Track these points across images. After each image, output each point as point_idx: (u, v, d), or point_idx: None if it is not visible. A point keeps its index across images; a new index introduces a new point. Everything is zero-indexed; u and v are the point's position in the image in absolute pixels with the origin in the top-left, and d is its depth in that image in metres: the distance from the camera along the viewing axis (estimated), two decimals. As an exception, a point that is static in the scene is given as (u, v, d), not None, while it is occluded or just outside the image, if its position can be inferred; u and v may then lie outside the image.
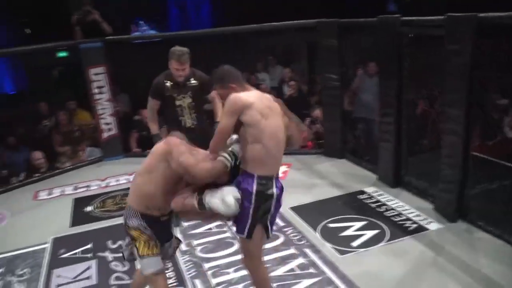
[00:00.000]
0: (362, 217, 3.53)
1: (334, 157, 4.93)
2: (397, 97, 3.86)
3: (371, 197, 3.91)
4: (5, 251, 3.48)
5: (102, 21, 5.52)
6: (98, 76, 5.30)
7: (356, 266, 2.90)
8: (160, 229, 2.18)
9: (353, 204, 3.78)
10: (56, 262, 3.25)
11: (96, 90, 5.30)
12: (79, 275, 3.06)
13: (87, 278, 3.03)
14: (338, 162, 4.85)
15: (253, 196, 2.11)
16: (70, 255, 3.34)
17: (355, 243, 3.14)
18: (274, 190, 2.16)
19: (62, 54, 9.20)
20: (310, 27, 4.88)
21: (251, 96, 2.17)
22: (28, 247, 3.48)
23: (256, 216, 2.15)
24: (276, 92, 6.03)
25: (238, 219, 2.17)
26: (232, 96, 2.13)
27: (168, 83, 3.51)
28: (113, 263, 3.17)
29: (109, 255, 3.27)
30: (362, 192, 4.00)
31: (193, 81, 3.53)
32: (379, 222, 3.44)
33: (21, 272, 3.16)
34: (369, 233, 3.27)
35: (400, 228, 3.34)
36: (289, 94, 6.10)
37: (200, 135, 3.38)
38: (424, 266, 2.86)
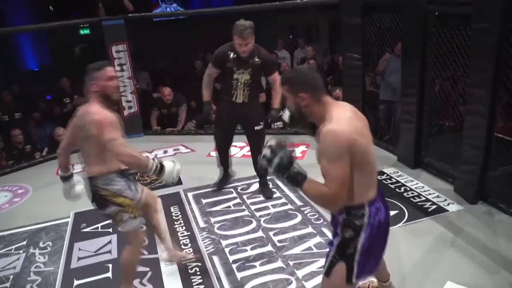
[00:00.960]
0: (380, 198, 3.51)
1: (353, 138, 4.87)
2: (419, 77, 3.78)
3: (390, 178, 3.88)
4: (29, 224, 3.59)
5: (124, -3, 5.52)
6: (119, 54, 5.34)
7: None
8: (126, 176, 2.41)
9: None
10: (77, 236, 3.35)
11: (118, 68, 5.34)
12: (99, 249, 3.14)
13: (108, 252, 3.11)
14: (357, 142, 4.79)
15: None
16: (91, 229, 3.43)
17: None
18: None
19: (85, 31, 9.31)
20: (333, 5, 4.78)
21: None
22: (50, 220, 3.59)
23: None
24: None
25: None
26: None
27: (232, 55, 3.43)
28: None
29: (129, 230, 3.34)
30: (382, 173, 3.96)
31: (256, 59, 3.43)
32: (398, 203, 3.41)
33: (44, 245, 3.27)
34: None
35: (420, 209, 3.31)
36: None
37: (246, 114, 3.55)
38: (443, 248, 2.84)
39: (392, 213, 3.21)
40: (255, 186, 3.93)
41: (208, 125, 5.62)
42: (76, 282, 2.78)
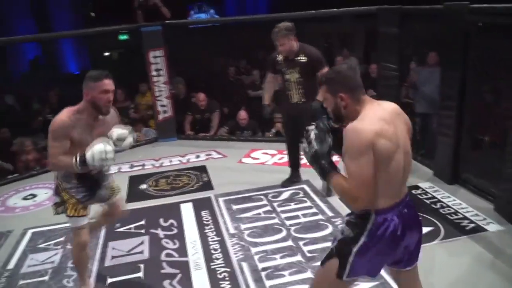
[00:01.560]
0: (415, 212, 3.42)
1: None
2: (459, 90, 3.67)
3: (426, 193, 3.77)
4: (66, 221, 3.69)
5: (162, 5, 5.65)
6: (156, 59, 5.45)
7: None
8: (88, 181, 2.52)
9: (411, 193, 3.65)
10: (111, 235, 3.41)
11: (154, 73, 5.45)
12: (132, 249, 3.20)
13: (140, 252, 3.16)
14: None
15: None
16: (125, 229, 3.50)
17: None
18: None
19: (123, 37, 9.59)
20: (369, 14, 4.73)
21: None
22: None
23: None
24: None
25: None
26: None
27: (280, 57, 3.64)
28: (164, 240, 3.28)
29: (160, 232, 3.39)
30: (417, 187, 3.86)
31: (302, 58, 3.58)
32: (433, 219, 3.31)
33: (80, 242, 3.35)
34: (423, 230, 3.15)
35: (456, 227, 3.20)
36: None
37: (302, 114, 3.53)
38: (480, 268, 2.73)
39: (427, 229, 3.14)
40: (286, 194, 3.91)
41: (239, 131, 5.66)
42: (109, 280, 2.84)
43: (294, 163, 4.03)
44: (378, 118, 1.66)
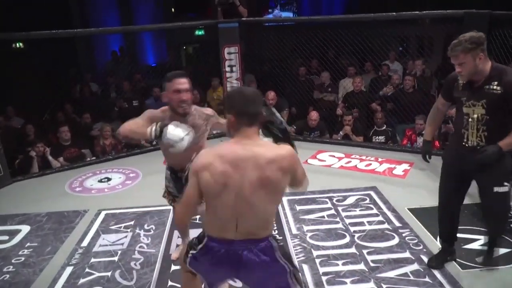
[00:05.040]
0: (491, 232, 3.18)
1: (464, 162, 4.50)
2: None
3: (505, 212, 3.50)
4: (137, 206, 3.89)
5: (240, 4, 5.74)
6: (231, 55, 5.56)
7: (479, 284, 2.63)
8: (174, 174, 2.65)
9: (482, 217, 3.42)
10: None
11: (228, 69, 5.56)
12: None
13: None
14: (468, 168, 4.43)
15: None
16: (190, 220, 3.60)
17: (480, 259, 2.84)
18: None
19: (199, 32, 9.89)
20: (454, 18, 4.47)
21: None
22: (155, 206, 3.82)
23: None
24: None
25: None
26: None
27: (460, 81, 2.54)
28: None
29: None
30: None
31: (494, 86, 2.40)
32: (510, 238, 3.07)
33: (148, 228, 3.51)
34: (499, 251, 2.93)
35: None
36: (406, 89, 5.64)
37: (481, 163, 2.46)
38: None
39: (503, 250, 2.92)
40: (352, 199, 3.82)
41: (308, 131, 5.59)
42: (173, 267, 2.94)
43: (449, 235, 2.87)
44: (217, 154, 1.72)
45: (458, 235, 3.14)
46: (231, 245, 1.76)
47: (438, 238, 2.96)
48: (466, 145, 2.53)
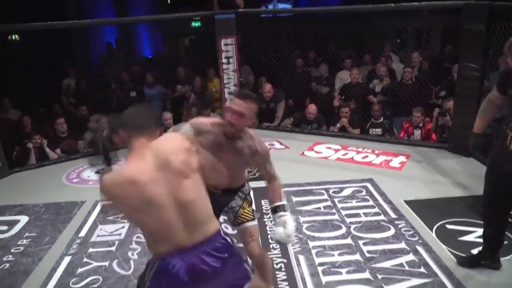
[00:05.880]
0: (486, 223, 3.20)
1: (461, 154, 4.53)
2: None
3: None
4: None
5: (237, -5, 5.72)
6: (227, 47, 5.54)
7: (474, 276, 2.65)
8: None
9: (479, 209, 3.42)
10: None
11: (225, 60, 5.55)
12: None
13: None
14: (464, 160, 4.45)
15: None
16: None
17: (476, 251, 2.86)
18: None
19: (196, 24, 9.84)
20: (452, 9, 4.46)
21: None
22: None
23: None
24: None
25: None
26: None
27: None
28: (224, 225, 3.33)
29: (221, 218, 3.45)
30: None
31: None
32: (507, 233, 3.08)
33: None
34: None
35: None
36: (405, 81, 5.59)
37: None
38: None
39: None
40: (348, 191, 3.84)
41: (305, 124, 5.59)
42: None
43: (496, 243, 2.66)
44: (128, 181, 1.58)
45: (454, 227, 3.20)
46: (186, 255, 1.63)
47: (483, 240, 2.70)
48: (509, 148, 2.32)
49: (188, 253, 1.63)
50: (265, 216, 3.46)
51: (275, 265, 2.81)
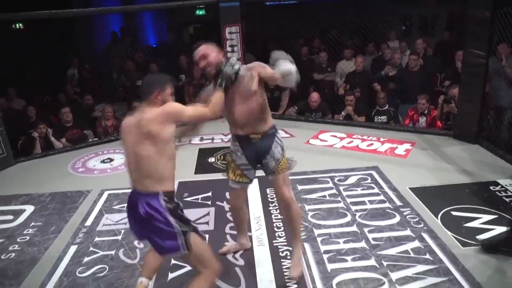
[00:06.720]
0: (492, 210, 3.19)
1: (466, 141, 4.51)
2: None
3: (505, 190, 3.51)
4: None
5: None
6: (232, 35, 5.51)
7: (479, 261, 2.65)
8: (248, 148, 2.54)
9: (483, 195, 3.43)
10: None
11: (229, 49, 5.51)
12: (198, 219, 3.31)
13: (205, 223, 3.27)
14: (470, 147, 4.43)
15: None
16: (192, 199, 3.64)
17: (481, 237, 2.87)
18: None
19: (200, 12, 9.78)
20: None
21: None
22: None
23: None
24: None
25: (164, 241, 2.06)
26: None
27: None
28: (229, 213, 3.36)
29: (226, 205, 3.48)
30: (496, 184, 3.60)
31: None
32: (512, 219, 3.09)
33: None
34: (499, 229, 2.95)
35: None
36: (410, 68, 5.55)
37: None
38: None
39: (503, 228, 2.92)
40: (353, 179, 3.83)
41: (309, 112, 5.56)
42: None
43: None
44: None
45: (459, 213, 3.19)
46: (133, 193, 2.11)
47: None
48: None
49: (134, 192, 2.10)
50: (270, 204, 3.47)
51: (280, 253, 2.83)
